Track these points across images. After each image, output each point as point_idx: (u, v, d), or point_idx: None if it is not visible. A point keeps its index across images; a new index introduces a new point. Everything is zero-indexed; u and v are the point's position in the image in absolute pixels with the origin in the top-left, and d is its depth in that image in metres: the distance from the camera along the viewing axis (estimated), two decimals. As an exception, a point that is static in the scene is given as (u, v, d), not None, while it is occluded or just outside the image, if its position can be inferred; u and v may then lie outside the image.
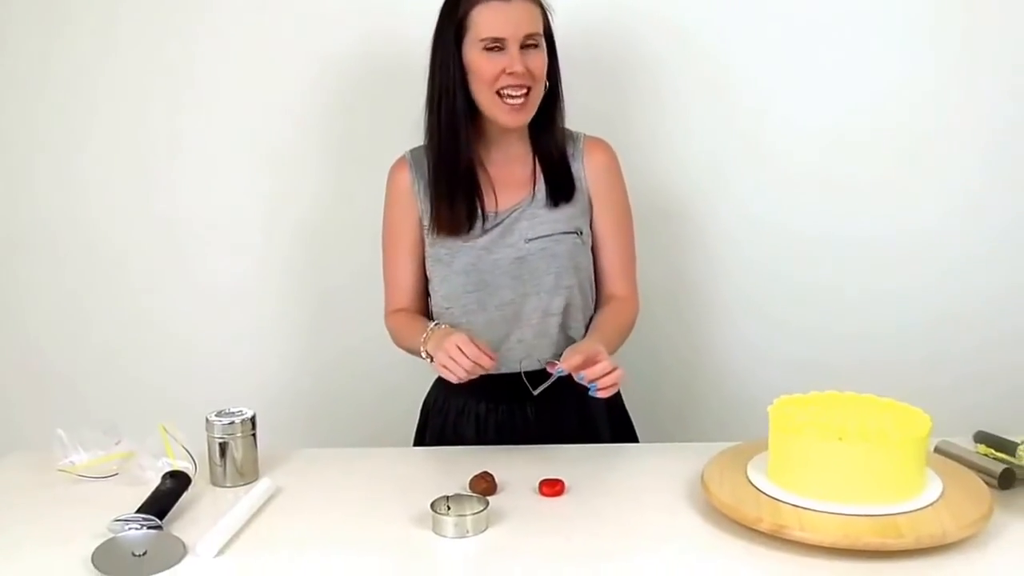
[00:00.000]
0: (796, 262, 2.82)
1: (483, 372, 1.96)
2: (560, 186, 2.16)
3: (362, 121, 2.76)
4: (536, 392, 2.02)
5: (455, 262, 2.13)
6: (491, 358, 1.95)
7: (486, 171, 2.16)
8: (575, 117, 2.22)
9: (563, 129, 2.20)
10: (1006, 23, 2.66)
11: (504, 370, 2.13)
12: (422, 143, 2.18)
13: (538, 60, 2.04)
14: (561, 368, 1.91)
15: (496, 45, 2.01)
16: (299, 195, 2.83)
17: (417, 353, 2.10)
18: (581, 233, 2.16)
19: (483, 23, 2.01)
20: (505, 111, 2.05)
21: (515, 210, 2.14)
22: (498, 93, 2.03)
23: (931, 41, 2.69)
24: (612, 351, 2.08)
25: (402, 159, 2.22)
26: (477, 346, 1.94)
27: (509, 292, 2.13)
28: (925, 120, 2.73)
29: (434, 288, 2.19)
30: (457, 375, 1.94)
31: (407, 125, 2.20)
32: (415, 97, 2.15)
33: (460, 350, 1.92)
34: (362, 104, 2.75)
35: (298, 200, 2.83)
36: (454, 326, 2.13)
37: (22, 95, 2.79)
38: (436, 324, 2.10)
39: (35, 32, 2.74)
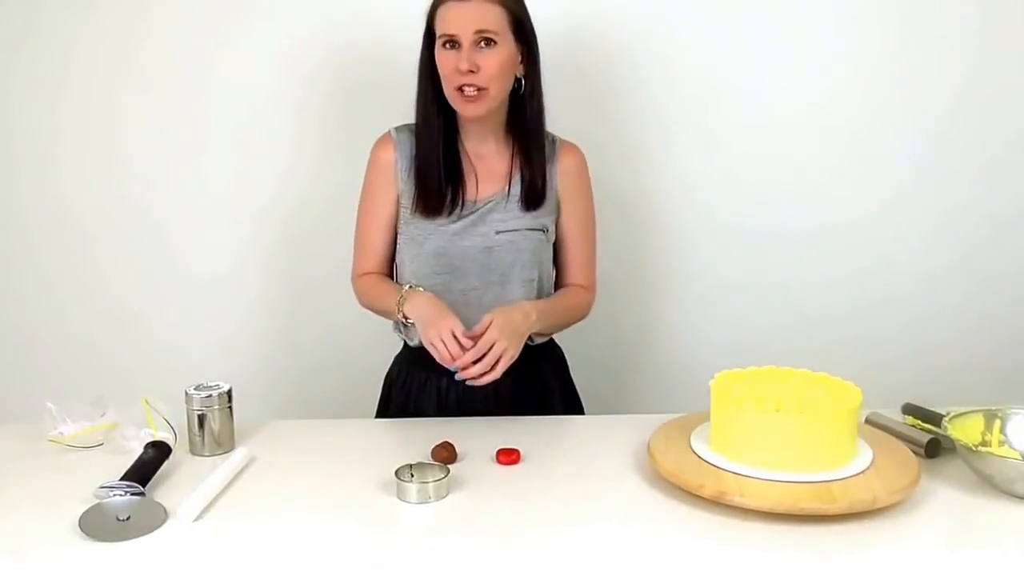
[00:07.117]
0: (738, 250, 2.83)
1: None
2: (533, 194, 2.14)
3: (343, 106, 2.74)
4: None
5: (427, 243, 2.12)
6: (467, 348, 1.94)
7: (470, 162, 2.15)
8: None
9: (544, 134, 2.16)
10: (941, 27, 2.68)
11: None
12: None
13: (491, 59, 1.99)
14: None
15: (450, 41, 2.00)
16: (275, 183, 2.80)
17: (390, 313, 2.10)
18: (546, 231, 2.16)
19: (441, 21, 2.02)
20: (461, 103, 2.04)
21: (489, 202, 2.13)
22: (459, 89, 2.01)
23: (869, 42, 2.70)
24: (549, 325, 2.12)
25: (387, 136, 2.19)
26: (461, 339, 1.93)
27: (475, 279, 2.12)
28: (861, 118, 2.75)
29: (403, 263, 2.17)
30: (441, 357, 1.94)
31: (390, 113, 2.19)
32: (397, 87, 2.14)
33: (453, 337, 1.92)
34: (342, 89, 2.73)
35: (276, 189, 2.80)
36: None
37: None
38: (410, 286, 2.07)
39: (13, 17, 2.69)
